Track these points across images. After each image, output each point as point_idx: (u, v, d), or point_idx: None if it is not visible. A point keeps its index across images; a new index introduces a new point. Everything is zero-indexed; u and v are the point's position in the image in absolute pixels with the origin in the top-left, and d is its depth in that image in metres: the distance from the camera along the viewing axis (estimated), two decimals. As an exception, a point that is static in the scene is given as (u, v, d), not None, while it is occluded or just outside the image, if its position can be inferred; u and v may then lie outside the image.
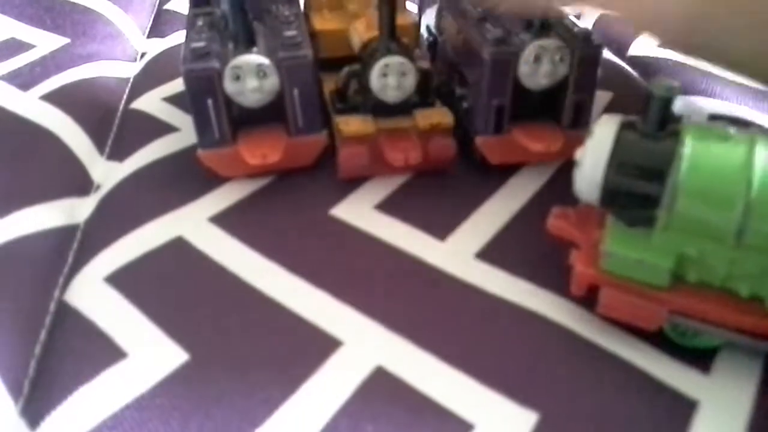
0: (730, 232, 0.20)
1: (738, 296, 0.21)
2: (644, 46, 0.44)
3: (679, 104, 0.35)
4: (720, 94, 0.37)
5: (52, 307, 0.25)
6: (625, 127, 0.21)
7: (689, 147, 0.20)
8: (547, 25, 0.29)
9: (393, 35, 0.29)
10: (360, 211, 0.30)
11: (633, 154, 0.21)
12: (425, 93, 0.31)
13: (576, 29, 0.30)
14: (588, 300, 0.24)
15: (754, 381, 0.22)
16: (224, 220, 0.29)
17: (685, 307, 0.21)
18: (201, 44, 0.29)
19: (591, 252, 0.23)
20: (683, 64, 0.41)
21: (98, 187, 0.32)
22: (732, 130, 0.21)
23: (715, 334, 0.22)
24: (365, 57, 0.30)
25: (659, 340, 0.23)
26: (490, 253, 0.27)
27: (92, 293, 0.25)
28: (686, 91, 0.38)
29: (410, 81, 0.29)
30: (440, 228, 0.29)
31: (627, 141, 0.21)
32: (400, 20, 0.31)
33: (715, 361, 0.22)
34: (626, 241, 0.22)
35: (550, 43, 0.29)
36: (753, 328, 0.21)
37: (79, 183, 0.32)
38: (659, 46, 0.44)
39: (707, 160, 0.20)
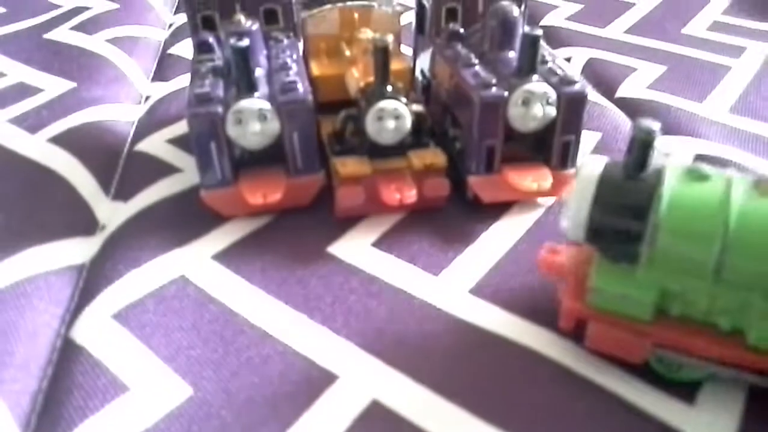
0: (709, 268, 0.21)
1: (720, 329, 0.22)
2: (632, 87, 0.46)
3: (665, 143, 0.37)
4: (705, 135, 0.39)
5: (58, 343, 0.26)
6: (609, 168, 0.23)
7: (669, 187, 0.21)
8: (534, 70, 0.30)
9: (387, 80, 0.30)
10: (357, 249, 0.31)
11: (616, 194, 0.22)
12: (419, 134, 0.32)
13: (562, 73, 0.31)
14: (577, 334, 0.25)
15: (738, 411, 0.23)
16: (226, 257, 0.30)
17: (668, 340, 0.22)
18: (205, 90, 0.30)
19: (578, 287, 0.24)
20: (669, 106, 0.42)
21: (104, 226, 0.33)
22: (712, 169, 0.22)
23: (699, 366, 0.23)
24: (361, 101, 0.31)
25: (645, 373, 0.24)
26: (483, 289, 0.28)
27: (98, 330, 0.26)
28: (672, 131, 0.39)
29: (405, 123, 0.31)
30: (434, 264, 0.30)
31: (610, 181, 0.22)
32: (395, 65, 0.33)
33: (699, 392, 0.23)
34: (611, 276, 0.23)
35: (537, 87, 0.30)
36: (735, 361, 0.22)
37: (85, 223, 0.33)
38: (648, 87, 0.46)
39: (686, 199, 0.21)
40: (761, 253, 0.20)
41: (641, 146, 0.22)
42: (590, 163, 0.23)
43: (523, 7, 0.36)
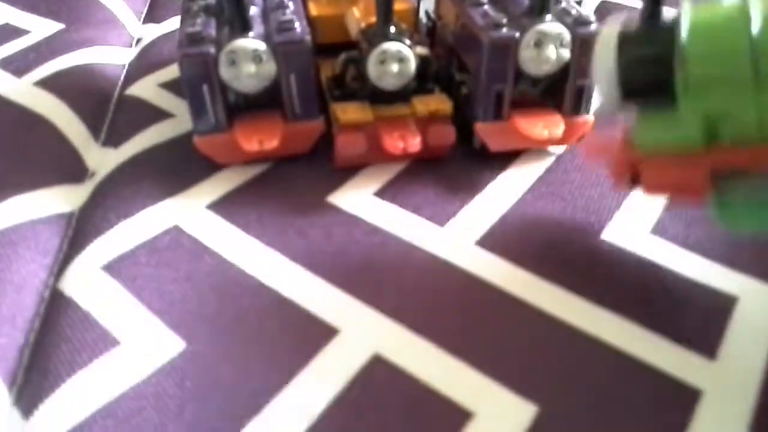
0: (746, 76, 0.20)
1: None
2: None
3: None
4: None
5: (46, 295, 0.25)
6: (626, 23, 0.22)
7: (686, 13, 0.21)
8: (547, 10, 0.29)
9: (390, 21, 0.28)
10: (358, 198, 0.29)
11: (637, 43, 0.22)
12: (424, 79, 0.30)
13: (577, 13, 0.29)
14: (590, 291, 0.24)
15: (760, 367, 0.22)
16: (221, 207, 0.29)
17: (725, 162, 0.21)
18: (196, 29, 0.28)
19: (625, 144, 0.23)
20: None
21: (93, 174, 0.32)
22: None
23: (765, 189, 0.21)
24: (363, 43, 0.29)
25: (662, 328, 0.23)
26: (490, 241, 0.27)
27: (87, 281, 0.25)
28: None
29: (409, 67, 0.29)
30: (440, 215, 0.28)
31: (630, 34, 0.22)
32: (398, 5, 0.31)
33: (720, 346, 0.22)
34: (655, 119, 0.22)
35: (551, 27, 0.28)
36: None
37: (74, 170, 0.32)
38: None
39: (705, 21, 0.20)
40: None
41: None
42: (607, 28, 0.22)
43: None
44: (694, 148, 0.21)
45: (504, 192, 0.29)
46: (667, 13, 0.22)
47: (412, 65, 0.29)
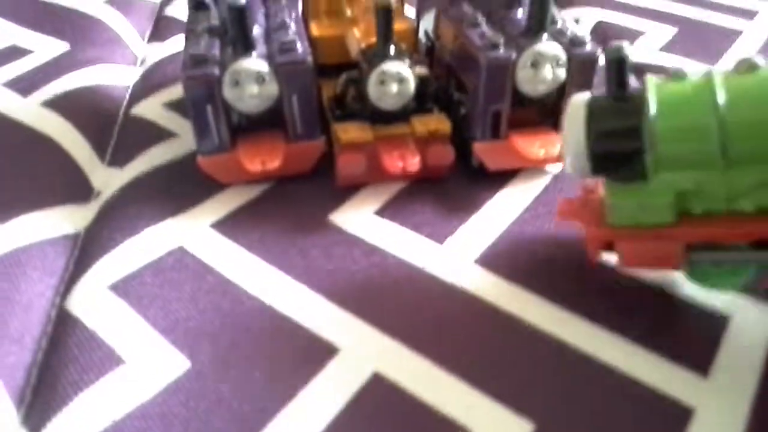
0: (715, 154, 0.21)
1: (746, 214, 0.21)
2: (642, 50, 0.44)
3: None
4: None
5: (53, 314, 0.26)
6: (593, 98, 0.23)
7: (653, 92, 0.22)
8: (544, 30, 0.29)
9: (390, 41, 0.29)
10: (359, 217, 0.30)
11: (606, 116, 0.23)
12: (423, 99, 0.31)
13: (572, 34, 0.30)
14: (586, 310, 0.24)
15: (752, 385, 0.22)
16: (224, 226, 0.29)
17: (697, 236, 0.22)
18: (200, 51, 0.29)
19: (597, 217, 0.24)
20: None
21: (99, 193, 0.32)
22: (690, 71, 0.22)
23: (736, 260, 0.22)
24: (363, 64, 0.30)
25: (656, 347, 0.23)
26: (488, 259, 0.27)
27: (94, 301, 0.25)
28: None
29: (408, 87, 0.29)
30: (439, 234, 0.29)
31: (598, 107, 0.23)
32: (398, 26, 0.31)
33: (713, 365, 0.23)
34: (625, 192, 0.23)
35: (547, 48, 0.29)
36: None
37: (80, 190, 0.32)
38: (659, 50, 0.44)
39: (672, 98, 0.21)
40: (758, 123, 0.20)
41: (615, 64, 0.22)
42: (575, 99, 0.23)
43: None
44: (667, 221, 0.22)
45: (502, 211, 0.30)
46: (634, 84, 0.23)
47: (412, 86, 0.30)
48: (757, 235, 0.22)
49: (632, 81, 0.26)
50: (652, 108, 0.21)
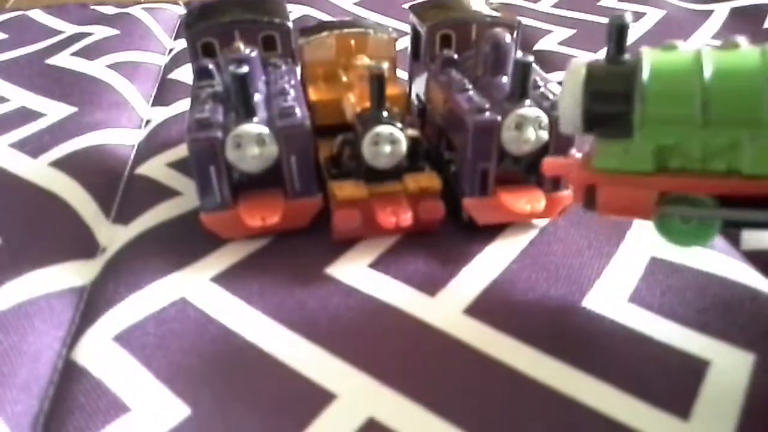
0: (696, 116, 0.23)
1: (718, 173, 0.23)
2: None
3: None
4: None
5: (60, 365, 0.27)
6: (592, 62, 0.25)
7: (647, 57, 0.24)
8: (527, 95, 0.31)
9: (383, 106, 0.31)
10: (354, 270, 0.31)
11: (603, 78, 0.24)
12: (414, 158, 0.33)
13: (554, 97, 0.32)
14: (572, 356, 0.26)
15: (731, 427, 0.23)
16: (225, 279, 0.31)
17: (672, 186, 0.24)
18: (205, 115, 0.30)
19: (584, 162, 0.26)
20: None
21: (104, 249, 0.34)
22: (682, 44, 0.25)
23: (703, 215, 0.24)
24: (358, 126, 0.32)
25: (640, 389, 0.24)
26: (478, 309, 0.29)
27: (99, 352, 0.26)
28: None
29: (400, 148, 0.31)
30: (430, 285, 0.30)
31: (596, 69, 0.25)
32: (391, 90, 0.33)
33: (693, 408, 0.24)
34: (612, 145, 0.25)
35: (530, 111, 0.31)
36: (735, 190, 0.23)
37: (86, 246, 0.34)
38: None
39: (663, 63, 0.23)
40: (734, 90, 0.22)
41: (616, 31, 0.25)
42: (575, 62, 0.25)
43: (515, 33, 0.37)
44: (645, 173, 0.24)
45: (491, 263, 0.31)
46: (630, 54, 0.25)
47: (404, 146, 0.31)
48: (726, 189, 0.23)
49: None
50: (646, 72, 0.23)
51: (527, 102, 0.31)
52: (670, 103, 0.23)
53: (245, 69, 0.30)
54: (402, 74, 0.46)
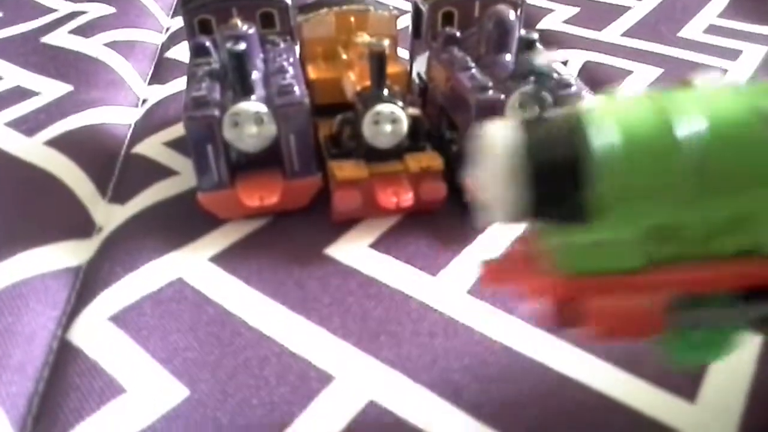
0: (682, 183, 0.16)
1: (726, 258, 0.17)
2: (628, 91, 0.46)
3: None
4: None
5: (55, 345, 0.26)
6: (513, 128, 0.17)
7: (591, 111, 0.17)
8: (531, 73, 0.31)
9: (384, 85, 0.30)
10: (354, 251, 0.31)
11: (542, 146, 0.17)
12: (416, 138, 0.32)
13: (559, 77, 0.31)
14: (575, 336, 0.25)
15: (738, 409, 0.23)
16: (223, 260, 0.30)
17: (681, 282, 0.17)
18: (201, 93, 0.30)
19: (534, 262, 0.18)
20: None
21: (100, 229, 0.33)
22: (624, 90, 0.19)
23: (732, 317, 0.17)
24: (358, 105, 0.31)
25: (646, 370, 0.24)
26: (480, 290, 0.28)
27: (95, 332, 0.26)
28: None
29: (401, 127, 0.31)
30: (432, 266, 0.30)
31: (534, 133, 0.17)
32: (392, 68, 0.33)
33: (700, 389, 0.23)
34: (570, 233, 0.17)
35: (534, 90, 0.30)
36: (763, 273, 0.17)
37: (82, 225, 0.33)
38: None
39: (620, 121, 0.16)
40: (732, 139, 0.16)
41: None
42: (492, 130, 0.17)
43: (519, 10, 0.36)
44: (634, 264, 0.17)
45: (492, 243, 0.31)
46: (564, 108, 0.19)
47: (405, 125, 0.31)
48: (756, 276, 0.17)
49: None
50: (598, 134, 0.16)
51: (531, 80, 0.30)
52: (643, 167, 0.16)
53: (242, 46, 0.29)
54: (403, 53, 0.45)
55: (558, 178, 0.16)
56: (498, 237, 0.31)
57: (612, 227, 0.17)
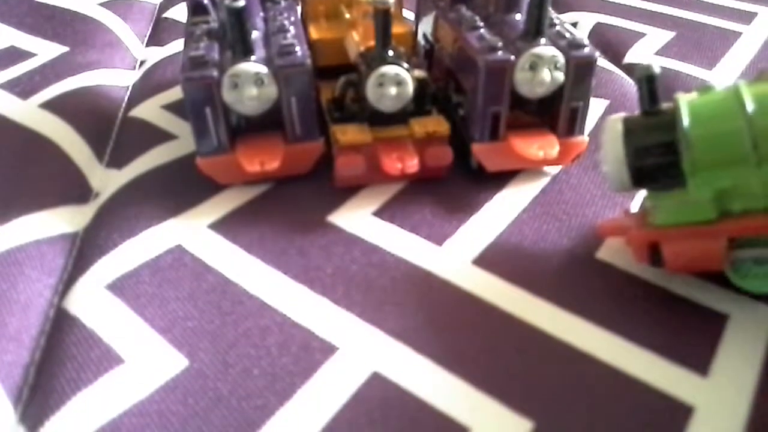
0: (747, 153, 0.22)
1: None
2: (640, 53, 0.45)
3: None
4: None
5: (51, 314, 0.26)
6: (628, 116, 0.25)
7: (684, 103, 0.23)
8: (542, 33, 0.29)
9: (389, 44, 0.29)
10: (357, 218, 0.30)
11: (642, 131, 0.24)
12: (421, 101, 0.31)
13: (570, 37, 0.30)
14: (585, 309, 0.24)
15: (751, 383, 0.22)
16: (223, 226, 0.29)
17: (737, 230, 0.23)
18: (199, 53, 0.29)
19: (642, 220, 0.25)
20: (677, 72, 0.41)
21: (97, 194, 0.32)
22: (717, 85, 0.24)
23: None
24: (362, 66, 0.30)
25: (657, 344, 0.23)
26: (486, 260, 0.27)
27: (92, 300, 0.25)
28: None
29: (407, 90, 0.30)
30: (437, 234, 0.29)
31: (634, 124, 0.24)
32: (397, 29, 0.31)
33: (713, 363, 0.23)
34: (668, 198, 0.24)
35: (545, 50, 0.29)
36: None
37: (78, 191, 0.32)
38: (656, 53, 0.44)
39: (703, 108, 0.23)
40: None
41: (646, 82, 0.24)
42: (611, 119, 0.25)
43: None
44: (708, 221, 0.23)
45: (500, 212, 0.30)
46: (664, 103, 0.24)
47: (410, 88, 0.30)
48: None
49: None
50: (685, 119, 0.22)
51: (542, 41, 0.29)
52: (718, 146, 0.22)
53: (241, 2, 0.28)
54: (408, 14, 0.44)
55: (652, 156, 0.23)
56: (505, 204, 0.30)
57: (697, 190, 0.23)
